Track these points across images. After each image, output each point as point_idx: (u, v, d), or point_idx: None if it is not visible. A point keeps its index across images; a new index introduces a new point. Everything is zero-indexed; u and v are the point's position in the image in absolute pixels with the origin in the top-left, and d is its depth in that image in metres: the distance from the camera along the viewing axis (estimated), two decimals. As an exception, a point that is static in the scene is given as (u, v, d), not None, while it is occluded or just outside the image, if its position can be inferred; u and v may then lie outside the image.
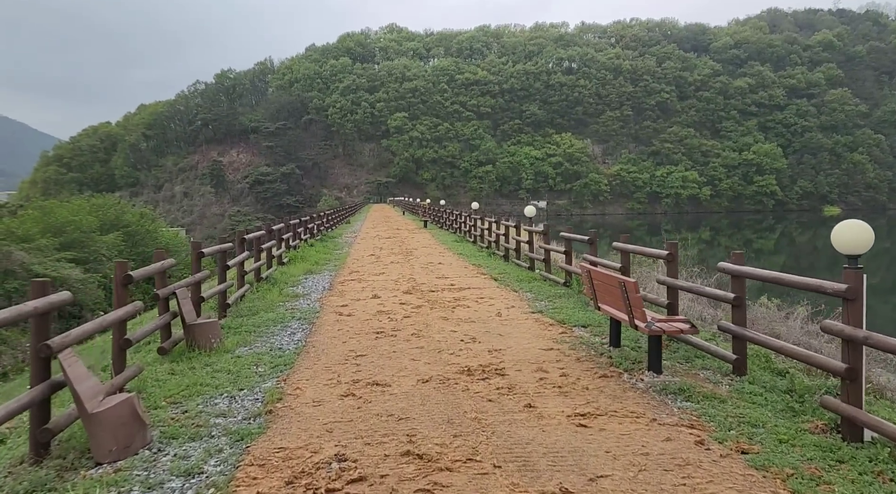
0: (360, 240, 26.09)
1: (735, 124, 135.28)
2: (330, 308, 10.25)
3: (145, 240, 38.85)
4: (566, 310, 9.50)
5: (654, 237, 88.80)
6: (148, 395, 5.73)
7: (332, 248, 22.42)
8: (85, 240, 33.62)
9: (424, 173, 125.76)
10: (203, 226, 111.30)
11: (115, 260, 21.01)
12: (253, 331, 8.48)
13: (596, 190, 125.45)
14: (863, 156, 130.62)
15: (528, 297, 11.04)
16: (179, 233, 56.51)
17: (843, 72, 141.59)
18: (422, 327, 8.49)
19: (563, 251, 12.06)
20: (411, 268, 15.51)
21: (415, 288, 12.02)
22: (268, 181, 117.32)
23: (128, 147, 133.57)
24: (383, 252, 20.35)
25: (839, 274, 4.74)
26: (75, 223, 34.09)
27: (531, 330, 8.19)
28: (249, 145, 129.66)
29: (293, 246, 19.20)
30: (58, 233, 32.33)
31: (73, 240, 32.80)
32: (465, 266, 16.09)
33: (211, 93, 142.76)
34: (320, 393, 5.71)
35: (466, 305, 10.14)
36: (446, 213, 32.77)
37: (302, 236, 21.48)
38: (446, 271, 14.92)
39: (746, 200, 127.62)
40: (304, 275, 14.71)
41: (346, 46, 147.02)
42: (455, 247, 21.46)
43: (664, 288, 8.10)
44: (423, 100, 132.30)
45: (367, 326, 8.67)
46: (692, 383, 5.71)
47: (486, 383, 5.85)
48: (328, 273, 15.21)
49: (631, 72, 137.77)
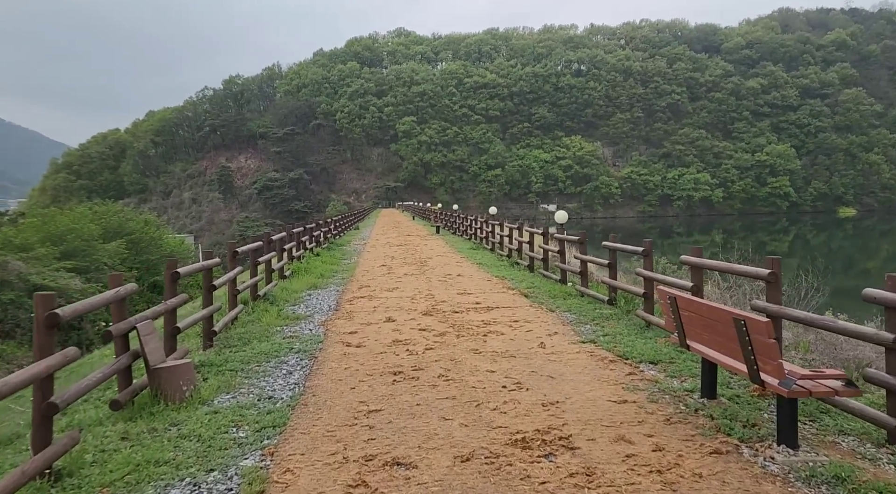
0: (369, 249, 24.43)
1: (748, 125, 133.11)
2: (336, 335, 8.60)
3: (150, 248, 37.49)
4: (623, 339, 7.80)
5: (667, 240, 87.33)
6: (81, 481, 4.11)
7: (339, 258, 20.78)
8: (86, 248, 32.48)
9: (433, 177, 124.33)
10: (212, 232, 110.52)
11: (112, 271, 19.46)
12: (240, 370, 6.83)
13: (606, 193, 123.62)
14: (878, 156, 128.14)
15: (570, 319, 9.35)
16: (186, 240, 54.99)
17: (858, 71, 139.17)
18: (449, 364, 6.81)
19: (606, 263, 10.36)
20: (428, 282, 13.85)
21: (435, 309, 10.34)
22: (276, 186, 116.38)
23: (136, 153, 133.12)
24: (395, 262, 18.69)
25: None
26: (76, 231, 33.00)
27: (589, 370, 6.50)
28: (257, 151, 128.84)
29: (297, 256, 17.58)
30: (58, 242, 31.20)
31: (74, 249, 31.70)
32: (487, 278, 14.41)
33: (219, 99, 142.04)
34: (319, 480, 4.05)
35: (499, 331, 8.45)
36: (460, 219, 31.09)
37: (307, 245, 19.87)
38: (468, 285, 13.24)
39: (760, 202, 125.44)
40: (308, 291, 13.08)
41: (354, 51, 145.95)
42: (472, 256, 19.77)
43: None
44: (431, 104, 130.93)
45: (380, 362, 7.00)
46: (848, 464, 4.01)
47: (552, 464, 4.16)
48: (335, 287, 13.57)
49: (641, 73, 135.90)
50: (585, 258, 11.57)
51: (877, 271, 54.39)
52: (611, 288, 10.29)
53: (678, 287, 7.46)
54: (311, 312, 10.57)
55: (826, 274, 15.98)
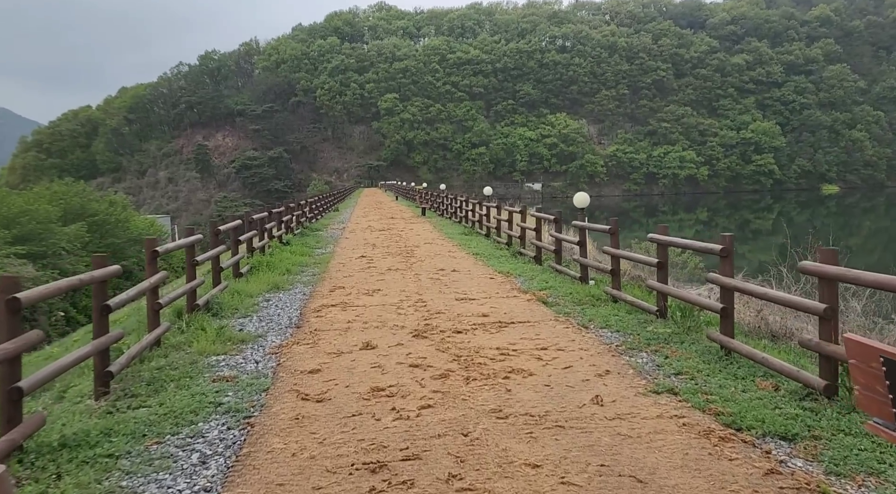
0: (348, 234, 21.63)
1: (732, 102, 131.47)
2: (290, 375, 5.98)
3: (115, 231, 34.63)
4: (712, 385, 5.25)
5: (652, 219, 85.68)
6: None
7: (313, 246, 18.00)
8: (42, 232, 29.82)
9: (416, 156, 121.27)
10: (189, 212, 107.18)
11: (70, 257, 16.53)
12: (121, 455, 4.23)
13: (592, 171, 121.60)
14: (861, 133, 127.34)
15: (615, 343, 6.83)
16: (157, 222, 51.57)
17: (841, 47, 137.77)
18: (462, 447, 4.20)
19: (655, 263, 7.85)
20: (417, 280, 11.25)
21: (429, 326, 7.72)
22: (255, 165, 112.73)
23: (109, 131, 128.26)
24: (377, 251, 16.01)
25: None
26: (31, 213, 30.31)
27: (691, 459, 3.92)
28: (236, 129, 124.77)
29: (259, 247, 14.90)
30: (9, 225, 28.51)
31: (29, 233, 29.05)
32: (489, 275, 11.82)
33: (195, 75, 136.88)
34: None
35: (526, 369, 5.87)
36: (448, 200, 28.36)
37: (275, 233, 17.17)
38: (468, 285, 10.66)
39: (745, 180, 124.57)
40: (268, 294, 10.43)
41: (334, 26, 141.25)
42: (466, 244, 17.15)
43: None
44: (414, 80, 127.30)
45: (351, 440, 4.39)
46: None
47: None
48: (301, 289, 10.93)
49: (626, 49, 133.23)
50: (619, 253, 9.05)
51: (858, 248, 53.22)
52: (660, 296, 7.80)
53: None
54: (264, 330, 7.94)
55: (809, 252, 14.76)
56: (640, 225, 69.63)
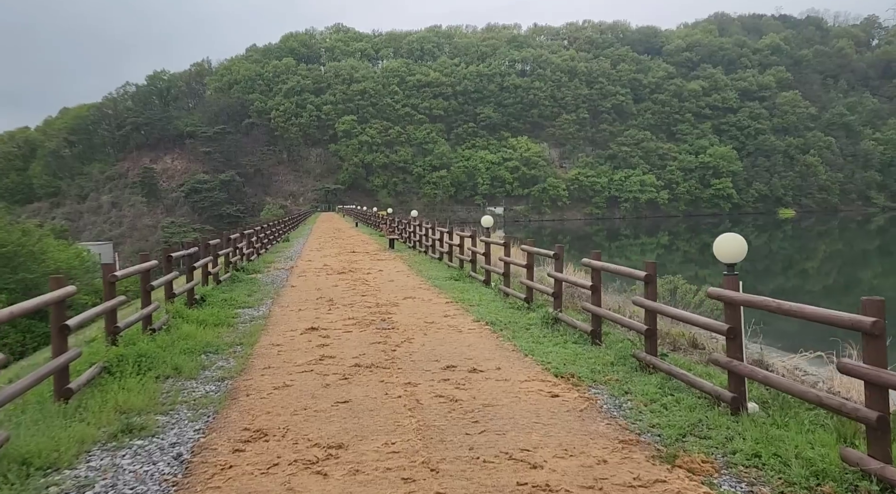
0: (295, 280, 16.42)
1: (690, 127, 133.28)
2: None
3: (27, 264, 30.70)
4: None
5: (614, 243, 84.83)
6: None
7: (240, 303, 12.70)
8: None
9: (375, 179, 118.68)
10: (133, 238, 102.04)
11: None
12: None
13: (554, 195, 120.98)
14: (815, 158, 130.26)
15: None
16: (90, 251, 47.37)
17: (792, 75, 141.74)
18: None
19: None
20: (414, 412, 5.82)
21: None
22: (205, 189, 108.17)
23: (48, 153, 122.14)
24: (335, 315, 11.12)
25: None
26: None
27: None
28: (185, 151, 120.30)
29: (147, 315, 8.94)
30: None
31: None
32: (551, 385, 6.65)
33: (143, 95, 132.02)
34: None
35: None
36: (423, 230, 23.72)
37: (187, 283, 12.03)
38: (527, 433, 5.20)
39: (704, 203, 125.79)
40: (106, 449, 4.96)
41: (290, 47, 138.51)
42: (464, 298, 12.74)
43: None
44: (372, 102, 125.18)
45: None
46: None
47: None
48: (180, 435, 5.34)
49: (586, 74, 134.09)
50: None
51: (814, 271, 52.77)
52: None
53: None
54: None
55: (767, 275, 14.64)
56: (603, 248, 68.38)
